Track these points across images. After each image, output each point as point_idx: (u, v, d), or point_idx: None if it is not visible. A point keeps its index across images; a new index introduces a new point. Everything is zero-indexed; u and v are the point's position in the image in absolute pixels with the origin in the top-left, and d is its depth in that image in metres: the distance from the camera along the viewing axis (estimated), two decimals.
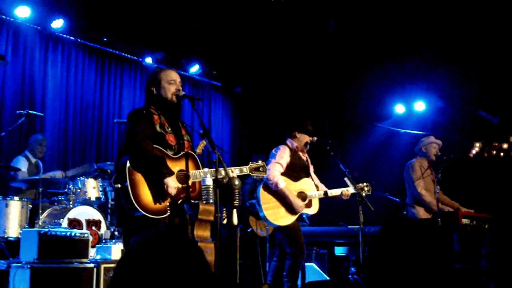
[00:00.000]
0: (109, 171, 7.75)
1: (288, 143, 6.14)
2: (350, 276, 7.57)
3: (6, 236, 6.51)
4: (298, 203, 5.79)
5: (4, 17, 8.53)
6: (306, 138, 6.16)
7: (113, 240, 6.66)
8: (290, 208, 5.79)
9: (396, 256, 2.32)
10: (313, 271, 7.71)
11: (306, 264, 7.19)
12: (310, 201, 5.94)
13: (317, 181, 6.26)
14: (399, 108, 11.04)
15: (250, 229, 7.30)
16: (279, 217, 5.76)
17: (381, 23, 8.90)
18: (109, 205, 7.27)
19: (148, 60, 10.09)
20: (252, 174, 4.59)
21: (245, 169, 4.51)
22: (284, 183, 5.79)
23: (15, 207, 6.68)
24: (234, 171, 4.40)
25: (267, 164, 5.58)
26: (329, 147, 6.07)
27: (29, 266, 5.48)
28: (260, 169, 4.63)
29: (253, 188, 7.29)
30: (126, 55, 10.25)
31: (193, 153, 4.36)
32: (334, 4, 8.57)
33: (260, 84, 11.62)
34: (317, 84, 10.86)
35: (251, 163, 4.60)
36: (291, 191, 5.82)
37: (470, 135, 8.61)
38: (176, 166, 4.16)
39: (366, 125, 11.14)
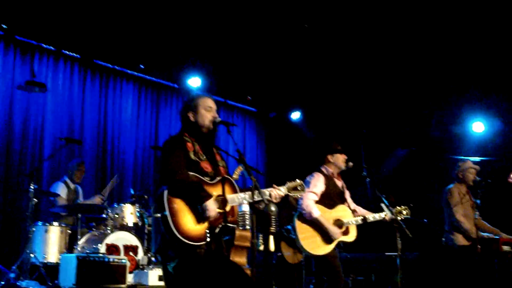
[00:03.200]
0: (145, 196, 7.84)
1: (323, 170, 6.04)
2: None
3: (45, 261, 6.62)
4: (334, 230, 5.71)
5: (44, 45, 8.78)
6: (340, 158, 6.05)
7: (150, 266, 6.70)
8: (327, 236, 5.71)
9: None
10: None
11: None
12: (347, 228, 5.85)
13: (353, 205, 6.16)
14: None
15: (280, 253, 7.27)
16: (316, 246, 5.67)
17: (413, 47, 8.87)
18: (146, 231, 7.32)
19: (184, 86, 10.21)
20: (290, 194, 4.52)
21: (283, 189, 4.46)
22: (318, 212, 5.72)
23: (54, 233, 6.81)
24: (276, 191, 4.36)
25: None
26: (366, 173, 6.00)
27: None
28: (298, 188, 4.52)
29: (287, 213, 7.26)
30: (162, 81, 10.42)
31: (230, 178, 4.35)
32: (368, 28, 8.58)
33: (294, 109, 11.67)
34: (352, 108, 10.83)
35: (288, 182, 4.53)
36: (326, 219, 5.75)
37: None
38: (214, 192, 4.16)
39: (403, 150, 11.02)
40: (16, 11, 7.93)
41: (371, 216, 5.96)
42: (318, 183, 5.86)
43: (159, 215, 3.93)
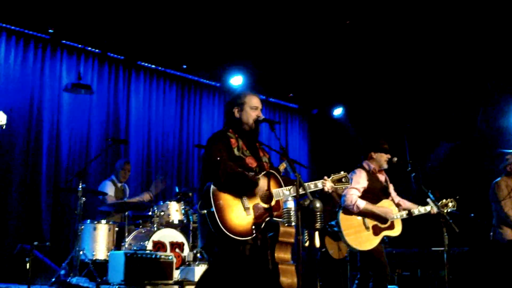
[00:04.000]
0: (190, 194, 7.94)
1: (364, 165, 5.99)
2: None
3: (94, 258, 6.77)
4: (386, 210, 5.70)
5: (90, 48, 8.98)
6: (383, 157, 6.00)
7: (196, 262, 6.78)
8: (379, 220, 5.67)
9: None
10: None
11: (389, 286, 7.05)
12: (392, 222, 5.80)
13: (397, 199, 6.10)
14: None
15: (324, 248, 7.25)
16: (362, 241, 5.65)
17: (461, 38, 8.73)
18: (191, 228, 7.41)
19: (227, 85, 10.29)
20: (335, 186, 4.51)
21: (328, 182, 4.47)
22: (364, 202, 5.70)
23: (102, 230, 6.96)
24: (318, 185, 4.38)
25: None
26: (410, 168, 5.94)
27: (116, 287, 5.66)
28: (343, 179, 4.52)
29: (330, 208, 7.24)
30: (204, 80, 10.54)
31: (274, 172, 4.38)
32: (410, 20, 8.48)
33: (337, 105, 11.61)
34: (395, 102, 10.71)
35: (332, 174, 4.52)
36: (373, 205, 5.73)
37: None
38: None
39: (448, 143, 10.84)
40: (61, 15, 8.13)
41: (417, 210, 5.90)
42: (360, 180, 5.83)
43: (205, 211, 3.99)
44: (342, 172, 4.53)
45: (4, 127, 4.10)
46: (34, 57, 8.43)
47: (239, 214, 4.01)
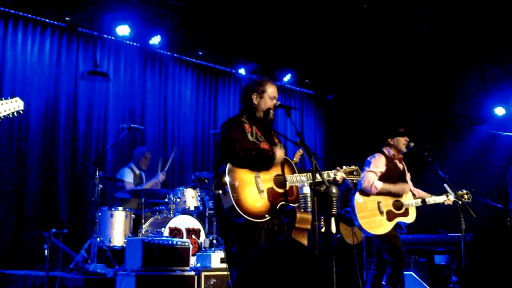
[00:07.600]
0: (206, 180, 7.95)
1: (384, 151, 6.00)
2: (451, 285, 7.33)
3: (111, 245, 6.82)
4: (402, 186, 5.73)
5: (106, 36, 9.00)
6: (401, 141, 5.99)
7: (212, 249, 6.82)
8: (397, 196, 5.72)
9: (492, 265, 2.27)
10: (413, 279, 7.52)
11: (405, 272, 7.04)
12: (407, 209, 5.80)
13: (413, 188, 6.10)
14: (499, 111, 10.59)
15: (340, 235, 7.25)
16: (375, 226, 5.66)
17: (478, 22, 8.61)
18: (207, 214, 7.44)
19: (241, 71, 10.28)
20: (346, 178, 4.56)
21: (339, 173, 4.50)
22: (381, 183, 5.71)
23: (119, 217, 7.00)
24: (330, 174, 4.42)
25: (361, 171, 5.49)
26: (427, 153, 5.91)
27: (134, 273, 5.70)
28: (354, 173, 4.61)
29: (345, 195, 7.24)
30: (220, 67, 10.51)
31: (288, 159, 4.40)
32: (428, 5, 8.38)
33: (352, 91, 11.52)
34: (411, 88, 10.63)
35: (345, 166, 4.58)
36: (390, 184, 5.74)
37: None
38: (273, 172, 4.22)
39: (464, 129, 10.76)
40: (78, 3, 8.15)
41: (432, 199, 5.93)
42: (379, 164, 5.84)
43: (220, 191, 4.00)
44: (353, 166, 4.61)
45: (21, 113, 4.21)
46: (50, 45, 8.46)
47: (253, 195, 4.03)
